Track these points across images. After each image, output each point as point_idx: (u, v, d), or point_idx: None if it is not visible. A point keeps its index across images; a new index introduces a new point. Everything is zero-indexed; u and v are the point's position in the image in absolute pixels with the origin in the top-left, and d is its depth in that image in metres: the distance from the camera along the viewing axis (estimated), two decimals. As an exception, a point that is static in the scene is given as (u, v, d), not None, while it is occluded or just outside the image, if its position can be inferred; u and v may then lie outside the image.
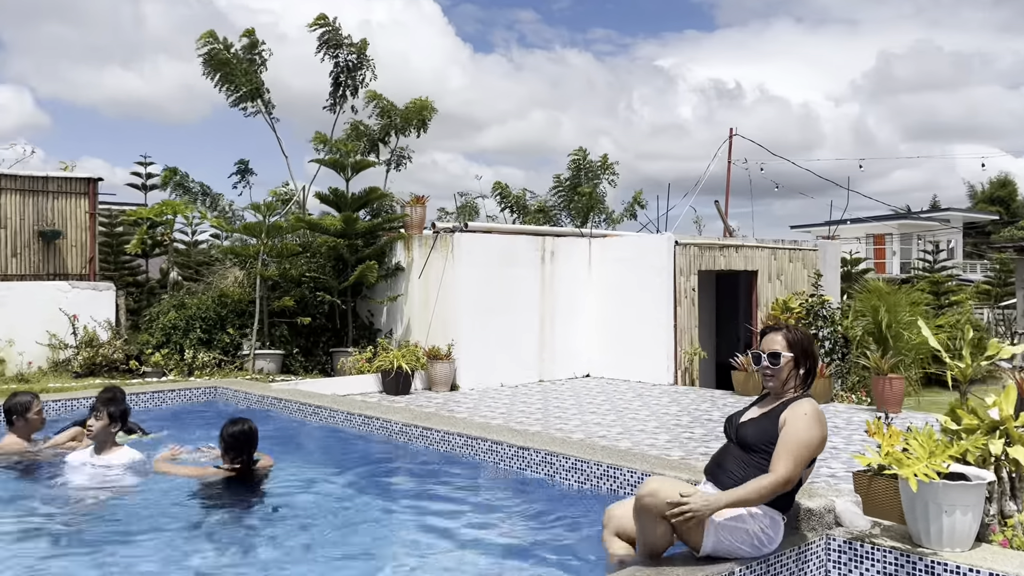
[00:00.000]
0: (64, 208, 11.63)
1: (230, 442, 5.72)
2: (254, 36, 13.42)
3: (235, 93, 13.30)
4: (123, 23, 45.00)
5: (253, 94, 13.43)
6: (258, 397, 9.54)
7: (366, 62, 14.23)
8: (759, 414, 4.08)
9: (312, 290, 13.04)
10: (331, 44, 13.98)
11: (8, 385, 9.96)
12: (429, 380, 11.93)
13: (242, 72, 13.17)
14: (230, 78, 13.20)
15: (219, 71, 13.16)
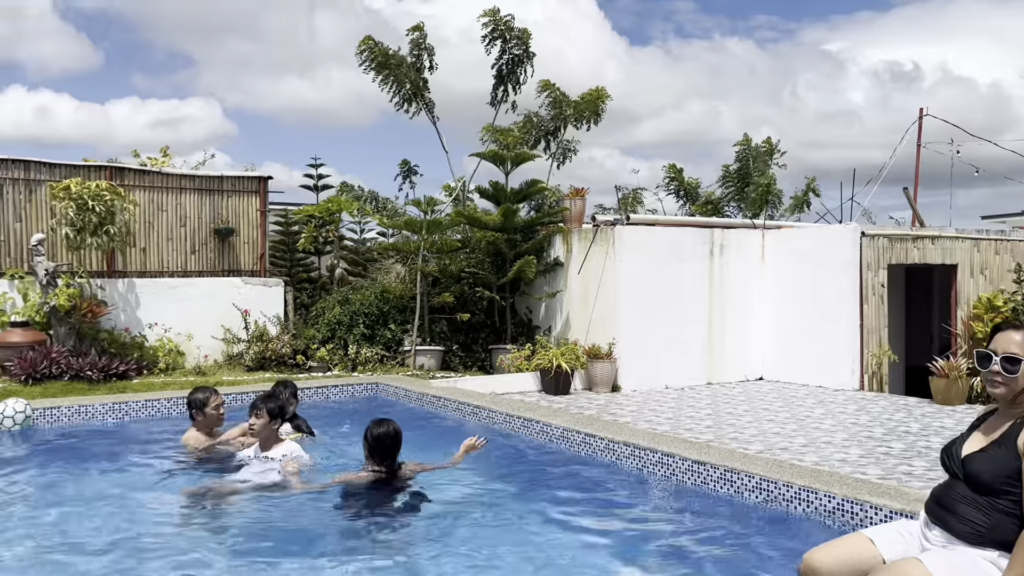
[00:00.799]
0: (237, 206, 12.06)
1: (374, 445, 5.48)
2: (422, 31, 13.38)
3: (397, 94, 13.34)
4: (298, 36, 47.51)
5: (415, 93, 13.43)
6: (417, 395, 9.40)
7: (528, 55, 13.92)
8: (988, 442, 3.20)
9: (471, 286, 12.87)
10: (498, 35, 13.76)
11: (187, 378, 10.38)
12: (589, 380, 11.44)
13: (403, 72, 13.18)
14: (392, 78, 13.25)
15: (381, 72, 13.25)
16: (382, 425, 5.53)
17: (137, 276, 11.22)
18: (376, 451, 5.46)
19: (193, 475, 6.26)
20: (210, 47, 51.20)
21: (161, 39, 51.45)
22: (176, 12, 46.77)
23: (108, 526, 5.07)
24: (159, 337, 10.96)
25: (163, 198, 11.49)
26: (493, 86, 14.04)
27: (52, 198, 10.12)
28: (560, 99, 13.96)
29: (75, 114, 47.70)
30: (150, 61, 51.62)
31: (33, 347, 9.60)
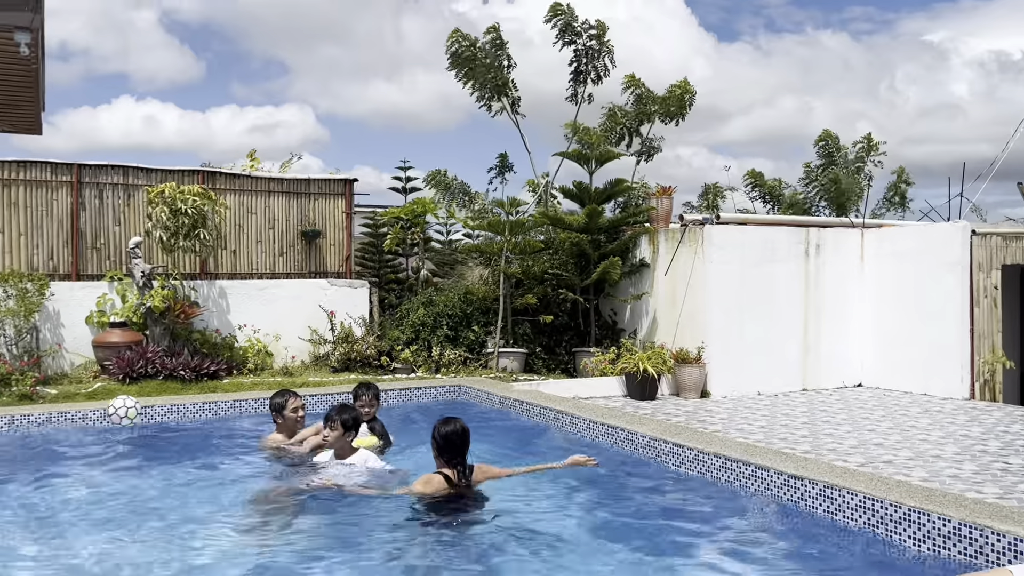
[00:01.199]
0: (324, 209, 12.20)
1: (442, 443, 5.36)
2: (498, 32, 13.32)
3: (480, 90, 13.28)
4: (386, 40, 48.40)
5: (498, 91, 13.34)
6: (499, 398, 9.26)
7: (605, 47, 13.64)
8: None
9: (554, 287, 12.68)
10: (568, 31, 13.54)
11: (275, 378, 10.53)
12: (677, 385, 11.09)
13: (487, 69, 13.11)
14: (475, 75, 13.20)
15: (464, 68, 13.21)
16: (449, 423, 5.42)
17: (227, 278, 11.47)
18: (445, 449, 5.35)
19: (265, 475, 6.29)
20: (302, 54, 52.60)
21: (257, 48, 53.17)
22: (271, 21, 48.19)
23: (187, 519, 5.11)
24: (248, 338, 11.17)
25: (253, 201, 11.73)
26: (570, 81, 13.81)
27: (148, 203, 10.44)
28: (645, 95, 13.63)
29: (179, 122, 49.74)
30: (247, 70, 53.41)
31: (130, 347, 9.91)
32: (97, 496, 5.82)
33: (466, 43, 13.21)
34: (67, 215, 10.52)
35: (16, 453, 7.23)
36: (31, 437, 7.82)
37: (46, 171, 10.43)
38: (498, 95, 13.38)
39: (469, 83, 13.42)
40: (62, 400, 8.96)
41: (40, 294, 9.83)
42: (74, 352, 10.29)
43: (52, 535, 4.98)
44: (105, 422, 8.05)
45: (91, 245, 10.68)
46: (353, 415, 6.06)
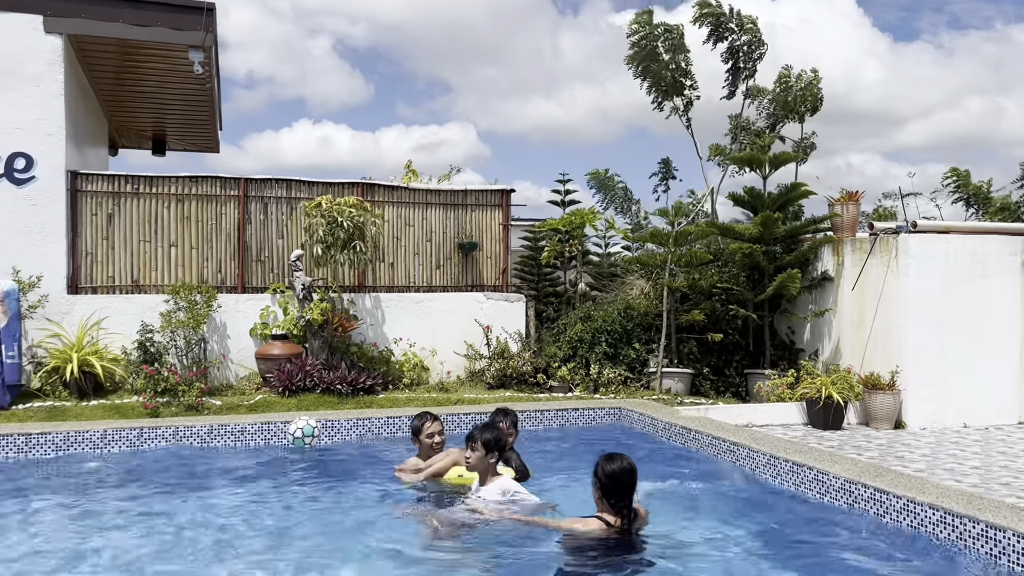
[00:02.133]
0: (480, 220, 11.88)
1: (608, 483, 4.67)
2: (680, 29, 12.56)
3: (655, 88, 12.56)
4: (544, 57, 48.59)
5: (675, 89, 12.57)
6: (664, 424, 8.48)
7: (759, 41, 12.56)
8: None
9: (724, 303, 11.71)
10: (719, 27, 12.58)
11: (430, 394, 10.26)
12: (866, 414, 9.87)
13: (664, 65, 12.38)
14: (651, 70, 12.49)
15: (643, 62, 12.55)
16: (615, 461, 4.75)
17: (385, 291, 11.37)
18: (611, 490, 4.68)
19: (405, 503, 5.87)
20: (464, 73, 53.82)
21: (421, 69, 54.90)
22: (433, 43, 49.60)
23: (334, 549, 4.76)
24: (404, 352, 10.99)
25: (410, 213, 11.58)
26: (727, 79, 12.81)
27: (305, 215, 10.48)
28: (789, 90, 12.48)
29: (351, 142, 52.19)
30: (412, 91, 55.27)
31: (290, 359, 9.94)
32: (240, 517, 5.61)
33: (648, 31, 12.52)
34: (234, 228, 10.76)
35: (176, 466, 7.25)
36: (191, 450, 7.88)
37: (216, 186, 10.72)
38: (673, 93, 12.59)
39: (646, 79, 12.73)
40: (225, 412, 9.06)
41: (208, 306, 10.07)
42: (238, 363, 10.48)
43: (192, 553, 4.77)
44: (283, 441, 8.00)
45: (256, 258, 10.87)
46: (495, 435, 5.54)
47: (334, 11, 54.20)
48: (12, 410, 8.72)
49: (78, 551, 4.80)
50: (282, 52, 54.74)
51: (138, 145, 15.42)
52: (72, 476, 6.85)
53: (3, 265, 9.58)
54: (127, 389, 9.65)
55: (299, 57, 54.39)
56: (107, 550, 4.83)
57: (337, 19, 55.42)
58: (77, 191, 10.17)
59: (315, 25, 56.44)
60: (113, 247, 10.33)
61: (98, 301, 10.04)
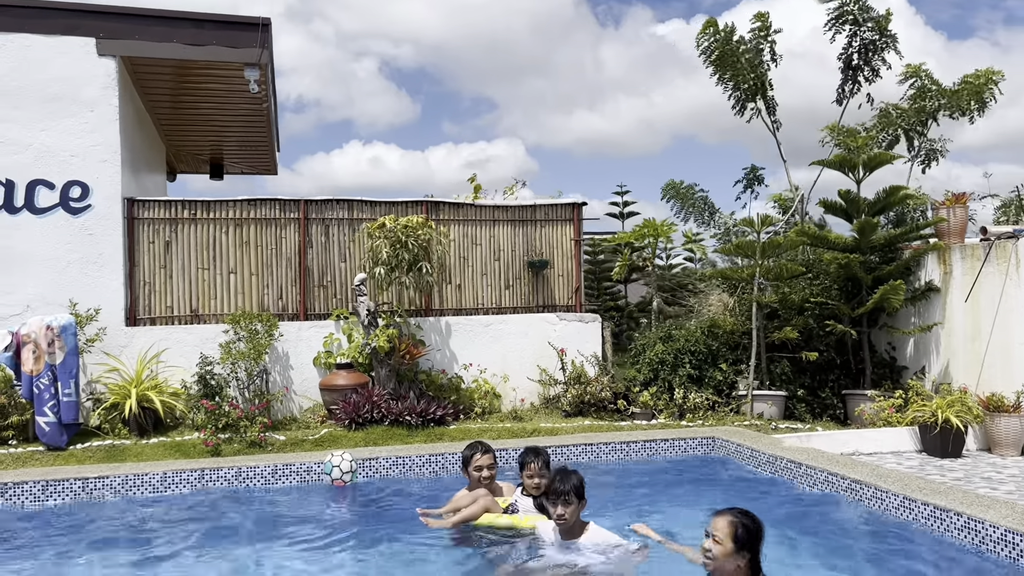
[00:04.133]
0: (551, 236, 11.18)
1: (747, 538, 3.90)
2: (767, 20, 11.75)
3: (737, 89, 11.78)
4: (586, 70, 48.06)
5: (755, 90, 11.75)
6: (768, 457, 7.64)
7: (889, 39, 11.61)
8: None
9: (817, 318, 10.79)
10: (846, 18, 11.67)
11: (504, 424, 9.59)
12: (987, 439, 8.92)
13: (745, 65, 11.58)
14: (732, 70, 11.71)
15: (721, 64, 11.81)
16: (747, 515, 3.98)
17: (452, 314, 10.75)
18: (749, 544, 3.92)
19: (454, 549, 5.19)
20: (508, 89, 53.60)
21: (466, 88, 54.91)
22: (476, 60, 49.47)
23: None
24: (475, 378, 10.34)
25: (477, 231, 10.95)
26: (841, 79, 11.88)
27: (368, 236, 9.92)
28: (927, 88, 11.43)
29: (400, 162, 52.29)
30: (458, 109, 55.21)
31: (356, 389, 9.38)
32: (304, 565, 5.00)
33: (721, 36, 11.76)
34: (295, 252, 10.27)
35: (237, 508, 6.70)
36: (255, 491, 7.34)
37: (275, 208, 10.26)
38: (754, 95, 11.78)
39: (725, 80, 11.98)
40: (289, 448, 8.52)
41: (269, 335, 9.57)
42: (302, 395, 9.95)
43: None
44: (321, 479, 7.43)
45: (318, 283, 10.36)
46: (578, 481, 4.84)
47: (378, 34, 54.65)
48: (71, 450, 8.32)
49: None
50: (328, 75, 55.24)
51: (196, 170, 15.18)
52: (131, 524, 6.34)
53: (60, 298, 9.24)
54: (187, 425, 9.20)
55: (345, 80, 54.82)
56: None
57: (381, 41, 55.81)
58: (134, 219, 9.80)
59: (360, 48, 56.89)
60: (171, 276, 9.92)
61: (157, 333, 9.63)
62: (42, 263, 9.29)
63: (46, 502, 7.01)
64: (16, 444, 8.47)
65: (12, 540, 5.91)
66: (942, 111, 11.62)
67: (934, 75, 11.51)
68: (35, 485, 7.05)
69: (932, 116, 11.74)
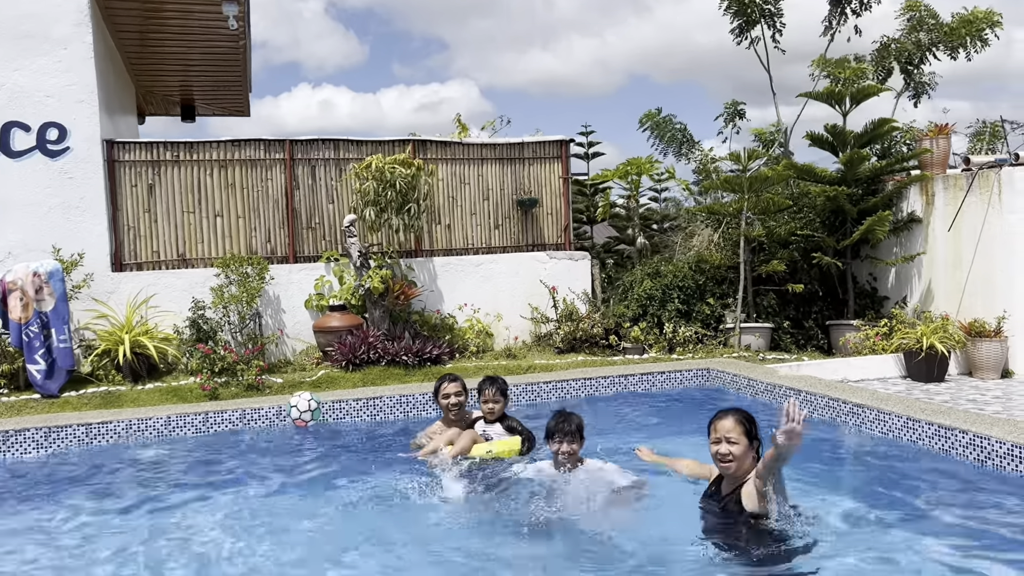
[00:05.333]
0: (539, 174, 11.12)
1: None
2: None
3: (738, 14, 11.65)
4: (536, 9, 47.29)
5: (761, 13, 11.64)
6: (766, 386, 7.82)
7: None
8: None
9: (802, 252, 10.96)
10: None
11: (498, 361, 9.65)
12: (968, 364, 9.21)
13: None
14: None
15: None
16: (740, 410, 4.16)
17: (443, 254, 10.70)
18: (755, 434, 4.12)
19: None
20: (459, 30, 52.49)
21: (416, 28, 53.68)
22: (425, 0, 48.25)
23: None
24: (468, 318, 10.36)
25: (465, 170, 10.85)
26: (828, 10, 11.84)
27: (355, 177, 9.77)
28: (923, 21, 11.44)
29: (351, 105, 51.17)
30: (408, 49, 54.03)
31: (351, 331, 9.34)
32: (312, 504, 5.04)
33: None
34: (282, 194, 10.09)
35: (246, 450, 6.70)
36: (261, 433, 7.32)
37: (260, 149, 10.03)
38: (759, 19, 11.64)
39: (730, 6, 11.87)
40: (287, 391, 8.49)
41: (260, 278, 9.45)
42: (295, 338, 9.89)
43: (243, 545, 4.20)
44: (287, 422, 7.35)
45: (306, 225, 10.21)
46: (577, 421, 4.98)
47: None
48: (65, 397, 8.19)
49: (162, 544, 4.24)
50: (275, 15, 53.52)
51: (166, 111, 14.72)
52: (139, 466, 6.31)
53: (43, 244, 8.98)
54: (181, 370, 9.11)
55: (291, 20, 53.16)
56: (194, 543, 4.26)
57: (327, -21, 53.96)
58: (114, 161, 9.52)
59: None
60: (156, 220, 9.70)
61: (144, 278, 9.44)
62: (22, 209, 9.01)
63: (49, 449, 6.93)
64: (8, 393, 8.31)
65: (18, 489, 5.85)
66: (940, 47, 11.67)
67: (932, 8, 11.53)
68: (37, 432, 6.95)
69: (929, 50, 11.80)
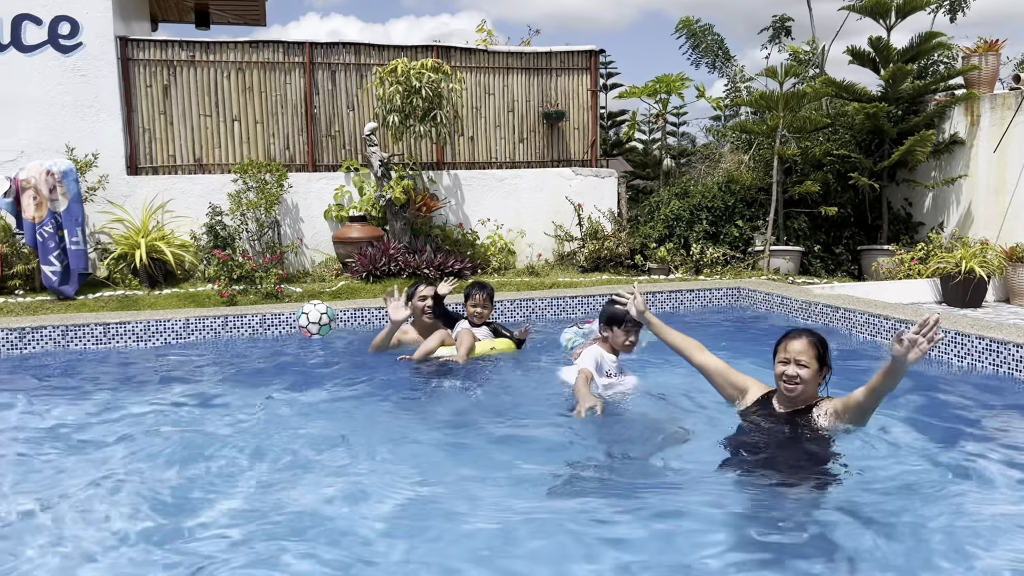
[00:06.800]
0: (566, 87, 10.70)
1: None
2: None
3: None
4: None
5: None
6: (801, 304, 7.58)
7: None
8: None
9: (837, 174, 10.58)
10: None
11: (520, 278, 9.43)
12: (1007, 290, 8.93)
13: None
14: None
15: None
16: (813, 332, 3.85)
17: (465, 168, 10.38)
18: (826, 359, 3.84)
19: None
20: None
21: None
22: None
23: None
24: (490, 234, 10.09)
25: (490, 80, 10.44)
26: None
27: (378, 82, 9.38)
28: None
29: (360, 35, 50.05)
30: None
31: (371, 243, 9.11)
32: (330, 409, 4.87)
33: None
34: (301, 100, 9.74)
35: (267, 356, 6.54)
36: (281, 339, 7.16)
37: (278, 52, 9.64)
38: None
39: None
40: (307, 300, 8.30)
41: (279, 185, 9.18)
42: (314, 248, 9.67)
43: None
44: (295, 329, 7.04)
45: (326, 133, 9.88)
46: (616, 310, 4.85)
47: None
48: (81, 300, 8.03)
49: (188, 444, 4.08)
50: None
51: (179, 18, 14.23)
52: (158, 366, 6.16)
53: (56, 143, 8.72)
54: (199, 277, 8.92)
55: (298, -55, 51.57)
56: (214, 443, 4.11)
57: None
58: (128, 60, 9.16)
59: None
60: (172, 123, 9.39)
61: (160, 182, 9.19)
62: (34, 105, 8.71)
63: (67, 347, 6.79)
64: (23, 294, 8.16)
65: (41, 384, 5.72)
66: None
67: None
68: (54, 330, 6.80)
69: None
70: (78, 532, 3.15)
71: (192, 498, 3.45)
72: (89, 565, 2.89)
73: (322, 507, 3.32)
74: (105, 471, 3.78)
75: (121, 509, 3.33)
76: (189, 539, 3.06)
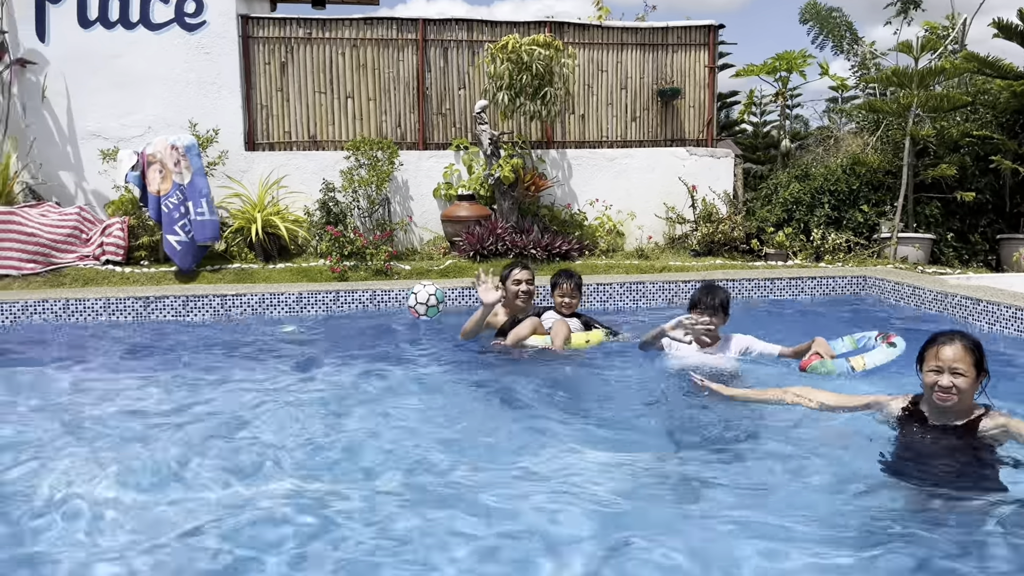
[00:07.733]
0: (682, 63, 10.31)
1: None
2: None
3: None
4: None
5: None
6: (935, 295, 7.04)
7: None
8: None
9: (975, 157, 9.83)
10: None
11: (630, 260, 9.18)
12: None
13: None
14: None
15: None
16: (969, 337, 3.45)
17: (575, 147, 10.17)
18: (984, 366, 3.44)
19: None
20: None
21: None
22: None
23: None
24: (599, 215, 9.86)
25: (603, 56, 10.17)
26: None
27: (489, 58, 9.25)
28: None
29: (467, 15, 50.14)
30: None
31: (479, 221, 9.04)
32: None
33: None
34: (413, 77, 9.73)
35: (371, 329, 6.56)
36: (388, 315, 7.17)
37: (392, 29, 9.66)
38: None
39: None
40: (415, 278, 8.31)
41: (390, 163, 9.22)
42: (422, 227, 9.69)
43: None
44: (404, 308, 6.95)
45: (436, 110, 9.86)
46: (723, 297, 4.80)
47: None
48: (201, 272, 8.28)
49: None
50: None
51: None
52: (274, 337, 6.26)
53: (180, 119, 9.00)
54: (311, 252, 9.07)
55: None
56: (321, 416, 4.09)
57: None
58: (249, 37, 9.36)
59: None
60: (288, 99, 9.56)
61: (276, 158, 9.38)
62: (161, 82, 9.02)
63: (187, 317, 7.00)
64: (148, 264, 8.48)
65: (152, 351, 5.89)
66: None
67: None
68: (175, 300, 7.02)
69: None
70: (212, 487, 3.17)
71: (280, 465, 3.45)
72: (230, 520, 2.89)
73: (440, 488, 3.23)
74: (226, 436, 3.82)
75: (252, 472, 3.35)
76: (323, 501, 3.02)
